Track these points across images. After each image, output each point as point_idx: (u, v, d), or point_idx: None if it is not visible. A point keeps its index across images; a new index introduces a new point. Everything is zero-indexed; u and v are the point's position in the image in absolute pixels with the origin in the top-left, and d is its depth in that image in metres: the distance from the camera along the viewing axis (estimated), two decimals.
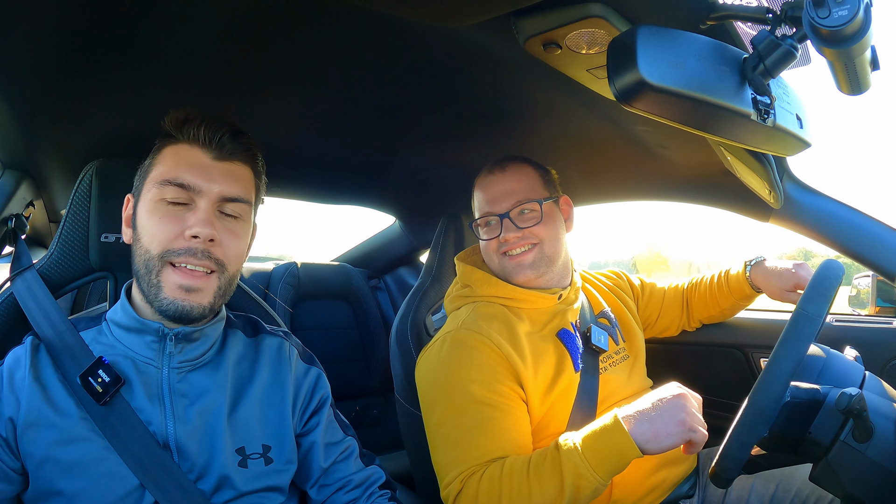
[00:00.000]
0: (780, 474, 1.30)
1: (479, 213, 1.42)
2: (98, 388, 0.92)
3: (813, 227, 1.42)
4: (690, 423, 1.00)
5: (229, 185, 0.99)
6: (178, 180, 0.95)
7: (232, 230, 0.99)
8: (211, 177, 0.97)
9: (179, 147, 0.99)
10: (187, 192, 0.96)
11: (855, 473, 0.85)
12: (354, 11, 0.91)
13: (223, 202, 0.98)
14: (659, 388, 1.09)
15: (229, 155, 1.00)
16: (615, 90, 0.76)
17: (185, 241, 0.94)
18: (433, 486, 1.26)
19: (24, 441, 0.90)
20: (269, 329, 1.16)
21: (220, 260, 0.97)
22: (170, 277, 0.94)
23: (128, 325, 0.99)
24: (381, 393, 2.44)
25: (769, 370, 0.88)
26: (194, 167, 0.97)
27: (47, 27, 0.91)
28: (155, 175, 0.98)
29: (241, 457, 0.99)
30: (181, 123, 0.99)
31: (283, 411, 1.06)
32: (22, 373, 0.93)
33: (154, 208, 0.96)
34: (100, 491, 0.90)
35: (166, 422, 0.96)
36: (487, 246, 1.41)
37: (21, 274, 1.11)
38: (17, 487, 0.92)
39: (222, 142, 0.99)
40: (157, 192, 0.96)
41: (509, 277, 1.38)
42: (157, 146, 1.01)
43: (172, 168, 0.97)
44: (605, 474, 1.03)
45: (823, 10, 0.65)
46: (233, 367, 1.05)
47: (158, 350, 0.98)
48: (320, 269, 2.43)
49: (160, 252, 0.94)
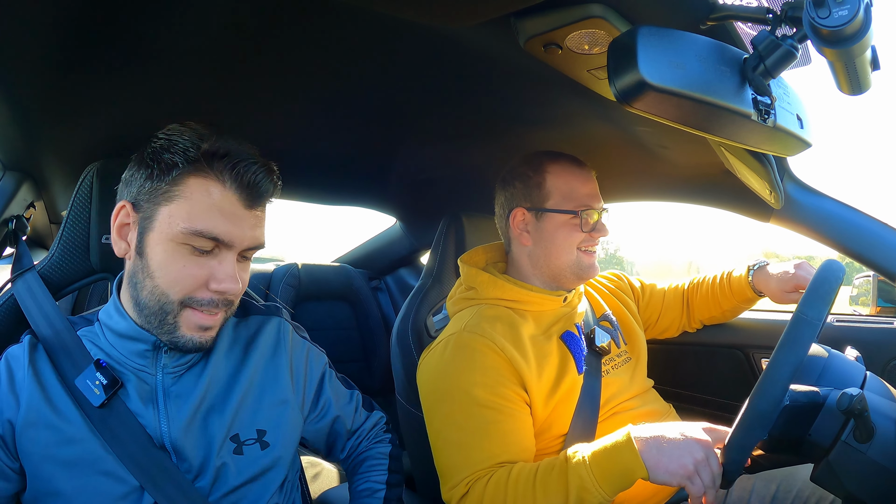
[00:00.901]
0: (781, 475, 1.29)
1: (576, 204, 1.35)
2: (95, 390, 0.92)
3: (813, 228, 1.42)
4: (691, 472, 0.95)
5: (256, 234, 0.95)
6: (212, 233, 0.89)
7: (244, 268, 0.98)
8: (242, 228, 0.92)
9: (210, 185, 0.90)
10: (217, 243, 0.91)
11: (856, 474, 0.85)
12: (355, 12, 0.91)
13: (246, 250, 0.96)
14: (689, 423, 1.04)
15: (259, 199, 0.95)
16: (616, 91, 0.76)
17: (209, 292, 0.92)
18: (434, 486, 1.26)
19: (23, 441, 0.90)
20: (258, 307, 1.14)
21: (231, 300, 0.97)
22: (189, 318, 0.93)
23: (122, 332, 0.97)
24: (382, 394, 2.43)
25: (768, 374, 0.88)
26: (227, 217, 0.90)
27: (48, 28, 0.91)
28: (180, 212, 0.89)
29: (235, 444, 0.99)
30: (213, 157, 0.90)
31: (279, 392, 1.06)
32: (22, 372, 0.93)
33: (177, 252, 0.90)
34: (98, 491, 0.90)
35: (160, 424, 0.96)
36: (568, 238, 1.36)
37: (22, 275, 1.11)
38: (16, 487, 0.91)
39: (259, 189, 0.93)
40: (184, 238, 0.89)
41: (581, 274, 1.37)
42: (178, 171, 0.89)
43: (205, 214, 0.89)
44: (611, 490, 1.01)
45: (824, 10, 0.65)
46: (224, 357, 1.04)
47: (151, 359, 0.98)
48: (321, 270, 2.43)
49: (181, 298, 0.91)
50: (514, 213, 1.40)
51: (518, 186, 1.40)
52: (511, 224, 1.41)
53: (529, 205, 1.38)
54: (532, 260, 1.40)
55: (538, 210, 1.37)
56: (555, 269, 1.37)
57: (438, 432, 1.24)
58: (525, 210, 1.39)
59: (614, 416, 1.33)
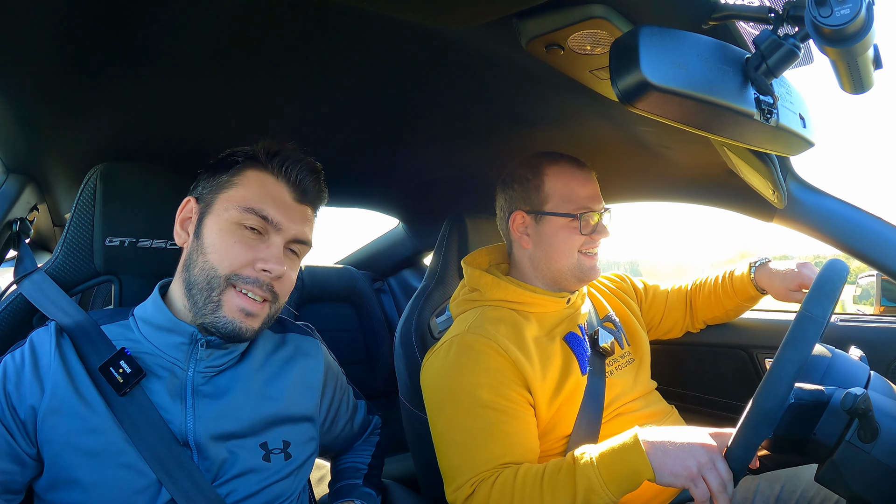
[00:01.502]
0: (785, 475, 1.29)
1: (575, 206, 1.35)
2: (119, 378, 0.93)
3: (817, 227, 1.42)
4: (694, 474, 0.96)
5: (303, 227, 1.04)
6: (262, 212, 0.98)
7: (291, 266, 1.04)
8: (291, 217, 1.02)
9: (265, 177, 1.02)
10: (267, 224, 0.99)
11: (860, 473, 0.85)
12: (356, 13, 0.91)
13: (293, 242, 1.03)
14: (697, 427, 1.05)
15: (309, 199, 1.06)
16: (618, 91, 0.76)
17: (255, 271, 0.97)
18: (438, 488, 1.26)
19: (45, 427, 0.90)
20: (296, 326, 1.20)
21: (277, 293, 1.01)
22: (232, 300, 0.97)
23: (159, 324, 1.00)
24: (386, 395, 2.43)
25: (773, 372, 0.88)
26: (279, 203, 1.01)
27: (51, 30, 0.91)
28: (237, 196, 1.00)
29: (264, 451, 1.02)
30: (272, 154, 1.03)
31: (307, 409, 1.11)
32: (48, 357, 0.94)
33: (230, 229, 0.98)
34: (117, 483, 0.91)
35: (186, 420, 0.97)
36: (568, 241, 1.35)
37: (28, 276, 1.12)
38: (31, 473, 0.92)
39: (306, 186, 1.05)
40: (238, 216, 0.98)
41: (582, 276, 1.37)
42: (239, 165, 1.03)
43: (258, 197, 1.00)
44: (618, 492, 1.02)
45: (826, 9, 0.65)
46: (259, 366, 1.07)
47: (187, 353, 0.99)
48: (324, 272, 2.43)
49: (228, 274, 0.96)
50: (514, 217, 1.40)
51: (517, 189, 1.40)
52: (511, 227, 1.41)
53: (529, 208, 1.39)
54: (533, 262, 1.40)
55: (537, 213, 1.37)
56: (555, 272, 1.37)
57: (442, 433, 1.24)
58: (524, 213, 1.39)
59: (618, 418, 1.33)
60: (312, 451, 1.12)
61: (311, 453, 1.11)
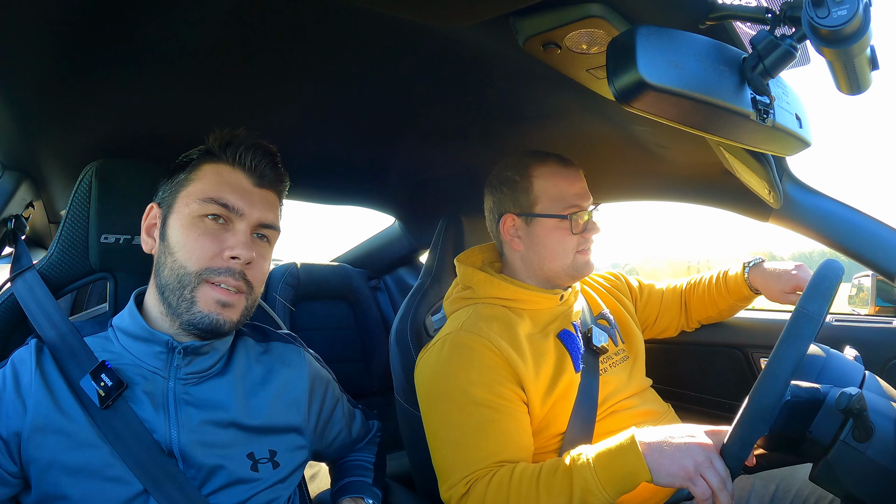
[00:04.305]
0: (780, 474, 1.29)
1: (565, 206, 1.35)
2: (101, 391, 0.92)
3: (812, 227, 1.42)
4: (692, 473, 0.95)
5: (266, 211, 1.03)
6: (221, 200, 0.98)
7: (262, 254, 1.03)
8: (252, 202, 1.01)
9: (220, 167, 1.02)
10: (228, 212, 0.98)
11: (855, 473, 0.85)
12: (354, 11, 0.91)
13: (259, 227, 1.01)
14: (694, 426, 1.04)
15: (268, 183, 1.04)
16: (615, 90, 0.76)
17: (224, 260, 0.96)
18: (433, 486, 1.26)
19: (29, 446, 0.89)
20: (279, 335, 1.18)
21: (250, 282, 1.00)
22: (207, 294, 0.96)
23: (136, 334, 0.99)
24: (381, 393, 2.43)
25: (770, 369, 0.88)
26: (237, 190, 1.00)
27: (46, 28, 0.91)
28: (194, 191, 0.99)
29: (251, 462, 1.01)
30: (225, 144, 1.02)
31: (294, 419, 1.09)
32: (28, 376, 0.93)
33: (193, 223, 0.97)
34: (104, 496, 0.90)
35: (170, 430, 0.96)
36: (561, 242, 1.35)
37: (21, 275, 1.11)
38: (14, 491, 0.91)
39: (263, 170, 1.03)
40: (198, 209, 0.97)
41: (576, 273, 1.37)
42: (194, 162, 1.03)
43: (215, 187, 0.99)
44: (614, 493, 1.01)
45: (823, 10, 0.65)
46: (242, 375, 1.06)
47: (166, 361, 0.98)
48: (320, 270, 2.43)
49: (199, 270, 0.95)
50: (504, 220, 1.40)
51: (505, 192, 1.40)
52: (501, 230, 1.41)
53: (518, 210, 1.38)
54: (526, 263, 1.40)
55: (527, 215, 1.37)
56: (549, 272, 1.38)
57: (436, 432, 1.24)
58: (514, 216, 1.39)
59: (613, 415, 1.33)
60: (303, 459, 1.11)
61: (301, 461, 1.10)
